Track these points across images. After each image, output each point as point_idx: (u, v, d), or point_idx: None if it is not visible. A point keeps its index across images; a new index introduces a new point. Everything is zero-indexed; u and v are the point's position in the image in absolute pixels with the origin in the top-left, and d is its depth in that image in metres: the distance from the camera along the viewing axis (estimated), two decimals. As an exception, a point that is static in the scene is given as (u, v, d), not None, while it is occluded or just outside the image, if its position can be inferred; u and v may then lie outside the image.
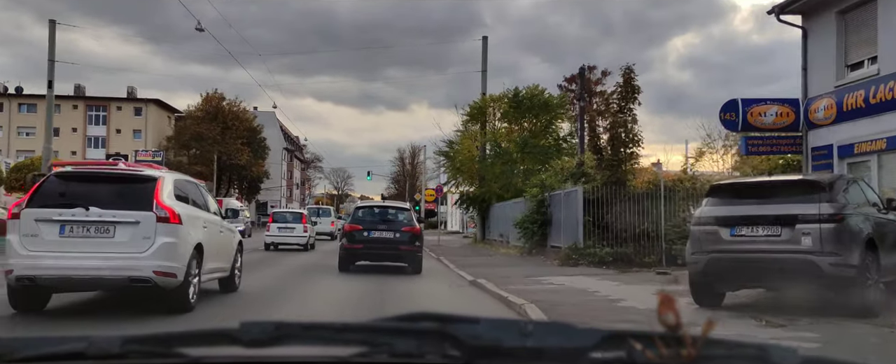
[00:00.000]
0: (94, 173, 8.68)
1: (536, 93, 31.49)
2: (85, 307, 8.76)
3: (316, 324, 1.01)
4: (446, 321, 1.06)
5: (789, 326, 7.21)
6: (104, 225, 7.68)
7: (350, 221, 15.86)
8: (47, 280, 7.66)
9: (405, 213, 16.36)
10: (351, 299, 11.11)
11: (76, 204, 7.66)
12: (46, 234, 7.62)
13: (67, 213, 7.63)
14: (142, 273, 7.65)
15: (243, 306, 9.63)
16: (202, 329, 0.97)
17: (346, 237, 15.37)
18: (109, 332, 1.02)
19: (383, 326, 1.04)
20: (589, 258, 15.79)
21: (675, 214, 15.70)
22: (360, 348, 1.01)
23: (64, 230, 7.66)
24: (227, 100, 70.01)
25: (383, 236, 14.97)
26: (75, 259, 7.55)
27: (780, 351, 1.18)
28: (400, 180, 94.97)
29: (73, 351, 0.92)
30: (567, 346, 1.08)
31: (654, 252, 15.50)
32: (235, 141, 66.41)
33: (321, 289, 12.17)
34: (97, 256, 7.60)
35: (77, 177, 8.38)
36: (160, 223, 7.76)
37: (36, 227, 7.62)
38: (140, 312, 8.18)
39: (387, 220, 15.52)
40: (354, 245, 14.89)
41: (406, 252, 14.89)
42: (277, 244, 24.27)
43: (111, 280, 7.84)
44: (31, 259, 7.53)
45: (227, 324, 0.98)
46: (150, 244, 7.70)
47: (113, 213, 7.68)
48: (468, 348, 1.04)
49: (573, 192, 17.75)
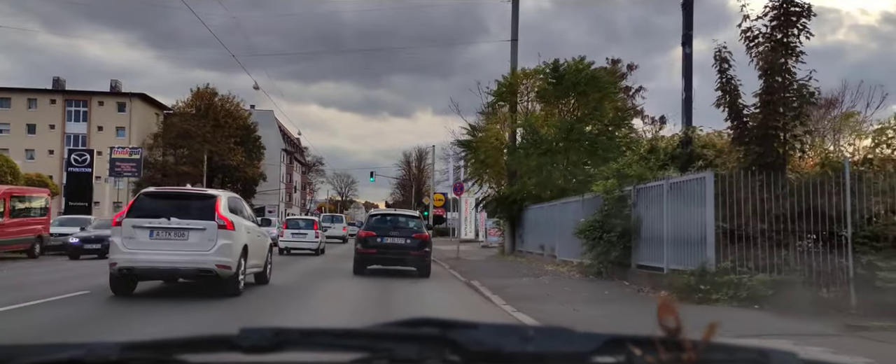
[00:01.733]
0: (172, 192, 12.03)
1: (581, 66, 25.51)
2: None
3: (316, 329, 1.03)
4: (447, 327, 1.07)
5: None
6: (181, 231, 10.68)
7: (364, 228, 17.23)
8: (141, 270, 10.70)
9: (416, 220, 17.56)
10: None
11: (161, 215, 10.69)
12: (140, 236, 10.60)
13: (155, 222, 10.64)
14: (207, 266, 10.63)
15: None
16: (201, 335, 0.98)
17: (360, 242, 16.71)
18: (136, 332, 1.04)
19: (384, 332, 1.06)
20: (728, 291, 10.06)
21: (868, 215, 10.25)
22: (361, 354, 1.02)
23: (152, 234, 10.64)
24: (219, 95, 66.98)
25: (395, 242, 16.38)
26: (160, 255, 10.52)
27: (781, 355, 1.21)
28: (406, 185, 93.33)
29: (71, 358, 0.93)
30: (568, 350, 1.10)
31: (835, 278, 9.89)
32: (228, 140, 63.68)
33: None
34: (176, 253, 10.58)
35: (161, 195, 11.50)
36: (220, 229, 10.73)
37: (133, 231, 10.60)
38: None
39: (399, 226, 16.93)
40: (368, 250, 16.37)
41: (416, 257, 16.33)
42: (290, 249, 26.73)
43: (186, 271, 10.87)
44: (130, 255, 10.48)
45: (226, 330, 0.99)
46: (213, 245, 10.65)
47: (187, 222, 10.69)
48: (468, 354, 1.05)
49: (695, 180, 11.77)
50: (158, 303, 10.56)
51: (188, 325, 8.41)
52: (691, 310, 8.71)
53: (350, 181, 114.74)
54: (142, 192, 11.80)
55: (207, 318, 9.01)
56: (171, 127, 63.48)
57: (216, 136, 62.73)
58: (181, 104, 66.82)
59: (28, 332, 7.69)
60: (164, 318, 8.97)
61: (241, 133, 66.06)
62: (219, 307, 10.02)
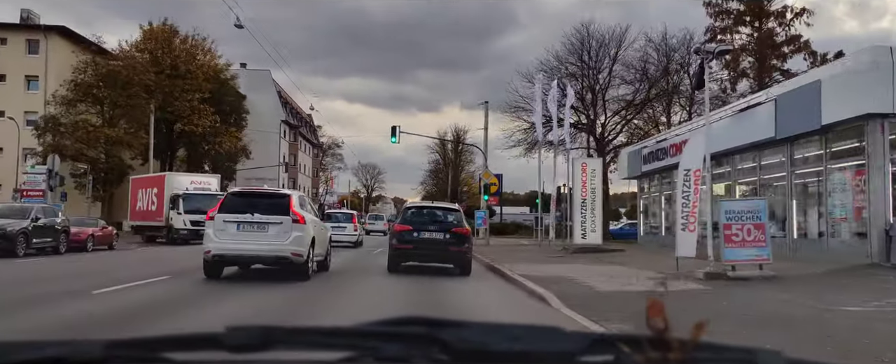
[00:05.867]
0: (254, 192, 14.84)
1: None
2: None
3: (303, 328, 1.07)
4: (434, 325, 1.11)
5: None
6: (262, 224, 13.23)
7: (399, 221, 17.18)
8: (230, 257, 13.40)
9: (455, 213, 17.42)
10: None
11: (246, 211, 13.30)
12: (229, 229, 13.24)
13: (241, 217, 13.26)
14: (284, 254, 13.20)
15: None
16: (187, 334, 1.02)
17: (395, 237, 16.60)
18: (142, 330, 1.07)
19: (371, 331, 1.10)
20: None
21: None
22: (347, 353, 1.06)
23: (239, 227, 13.25)
24: (181, 35, 50.91)
25: (433, 237, 16.23)
26: (246, 244, 13.18)
27: (766, 354, 1.27)
28: (439, 172, 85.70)
29: (55, 356, 0.96)
30: (555, 349, 1.15)
31: None
32: (190, 96, 48.02)
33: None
34: (258, 243, 13.18)
35: (245, 194, 14.31)
36: (294, 223, 13.28)
37: (223, 224, 13.26)
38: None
39: (436, 220, 16.73)
40: (404, 245, 16.31)
41: (455, 253, 16.21)
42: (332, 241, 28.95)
43: (266, 258, 13.44)
44: (221, 244, 13.19)
45: (212, 328, 1.03)
46: (289, 236, 13.21)
47: (267, 217, 13.25)
48: (456, 352, 1.10)
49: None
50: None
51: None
52: None
53: (376, 172, 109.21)
54: (229, 191, 15.42)
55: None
56: (104, 75, 44.22)
57: (173, 89, 47.20)
58: (128, 47, 49.40)
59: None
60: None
61: (213, 89, 49.95)
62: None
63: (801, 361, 1.32)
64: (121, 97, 43.85)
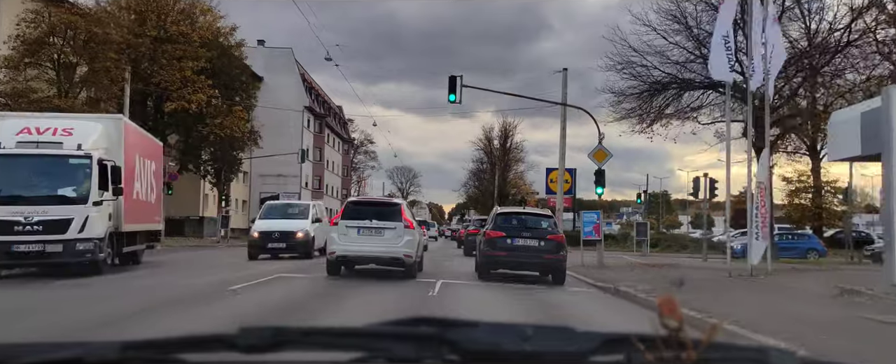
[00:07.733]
0: (371, 201, 18.56)
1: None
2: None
3: (315, 329, 1.10)
4: (445, 326, 1.14)
5: None
6: (379, 230, 15.33)
7: (491, 228, 17.03)
8: (352, 258, 15.62)
9: (549, 220, 17.47)
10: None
11: (365, 218, 15.44)
12: (351, 233, 15.33)
13: (361, 223, 15.37)
14: (397, 255, 15.25)
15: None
16: (201, 334, 1.05)
17: (487, 244, 16.49)
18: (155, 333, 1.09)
19: (382, 331, 1.13)
20: None
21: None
22: (359, 353, 1.09)
23: (359, 232, 15.33)
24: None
25: (528, 244, 16.14)
26: (365, 247, 15.32)
27: (779, 353, 1.28)
28: (482, 173, 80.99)
29: (71, 357, 1.00)
30: (567, 349, 1.17)
31: None
32: (181, 63, 37.61)
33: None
34: (375, 246, 15.29)
35: (363, 203, 17.31)
36: (405, 229, 15.41)
37: (346, 230, 15.35)
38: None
39: (530, 227, 16.62)
40: (497, 252, 16.18)
41: (551, 261, 16.04)
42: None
43: (382, 258, 15.60)
44: (344, 246, 15.31)
45: (226, 329, 1.06)
46: (401, 240, 15.28)
47: (383, 223, 15.36)
48: (466, 353, 1.12)
49: None
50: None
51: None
52: None
53: (412, 175, 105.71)
54: (349, 200, 17.82)
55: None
56: (65, 28, 31.79)
57: (158, 54, 37.64)
58: (107, 3, 37.85)
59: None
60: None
61: (212, 57, 39.70)
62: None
63: (814, 361, 1.34)
64: (80, 54, 32.35)
